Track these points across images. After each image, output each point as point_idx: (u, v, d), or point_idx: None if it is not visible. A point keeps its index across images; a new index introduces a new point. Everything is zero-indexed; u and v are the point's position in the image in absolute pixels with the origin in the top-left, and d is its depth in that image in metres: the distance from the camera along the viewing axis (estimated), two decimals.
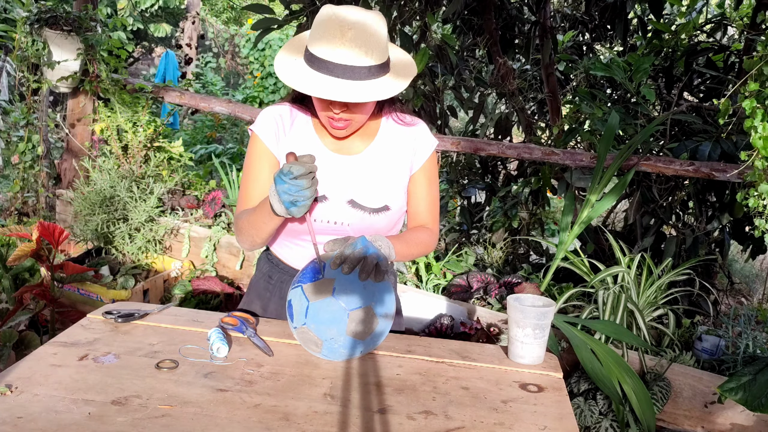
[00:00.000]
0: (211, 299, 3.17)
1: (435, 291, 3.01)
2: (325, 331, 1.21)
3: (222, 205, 3.69)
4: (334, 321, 1.20)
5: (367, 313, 1.22)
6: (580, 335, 2.12)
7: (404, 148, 1.43)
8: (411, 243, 1.39)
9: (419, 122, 1.48)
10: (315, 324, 1.22)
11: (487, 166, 4.24)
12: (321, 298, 1.21)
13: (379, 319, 1.24)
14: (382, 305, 1.25)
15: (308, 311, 1.22)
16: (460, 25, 4.26)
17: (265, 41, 9.35)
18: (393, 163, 1.42)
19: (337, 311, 1.20)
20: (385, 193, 1.40)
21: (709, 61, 3.35)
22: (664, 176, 3.09)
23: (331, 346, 1.23)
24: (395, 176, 1.42)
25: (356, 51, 1.21)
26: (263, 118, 1.41)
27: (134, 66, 11.08)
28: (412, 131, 1.45)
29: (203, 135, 7.10)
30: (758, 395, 1.73)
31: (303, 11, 3.63)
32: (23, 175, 3.49)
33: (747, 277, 4.74)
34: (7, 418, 0.99)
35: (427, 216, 1.47)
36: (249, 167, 1.42)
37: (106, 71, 3.57)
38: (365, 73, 1.22)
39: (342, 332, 1.21)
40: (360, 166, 1.40)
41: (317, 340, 1.23)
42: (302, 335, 1.25)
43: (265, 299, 1.54)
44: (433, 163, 1.47)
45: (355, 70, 1.22)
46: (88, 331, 1.32)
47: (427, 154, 1.45)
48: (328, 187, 1.37)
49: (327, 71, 1.22)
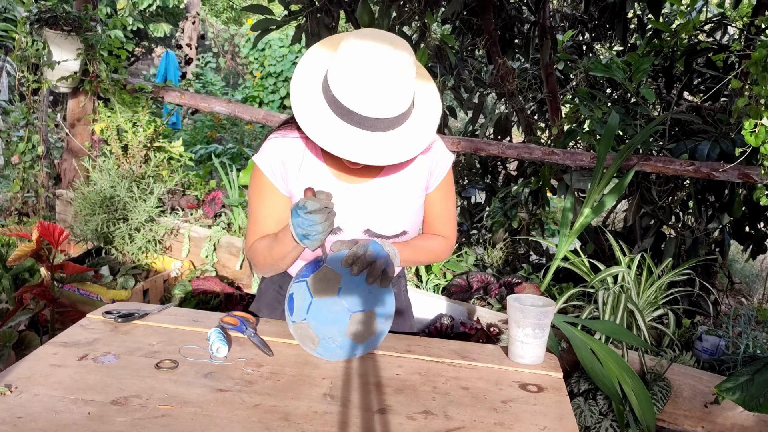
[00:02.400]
0: (211, 299, 3.17)
1: (435, 291, 3.01)
2: (325, 330, 1.21)
3: (222, 205, 3.69)
4: (336, 321, 1.20)
5: (368, 317, 1.22)
6: (580, 335, 2.12)
7: (419, 170, 1.36)
8: (419, 250, 1.38)
9: (435, 140, 1.38)
10: (315, 321, 1.22)
11: (487, 166, 4.24)
12: (325, 296, 1.21)
13: (379, 323, 1.24)
14: (384, 309, 1.25)
15: (310, 308, 1.21)
16: (459, 25, 4.26)
17: (264, 41, 9.36)
18: (408, 187, 1.36)
19: (339, 311, 1.20)
20: (402, 218, 1.36)
21: (709, 61, 3.35)
22: (663, 176, 3.09)
23: (327, 345, 1.23)
24: (411, 200, 1.37)
25: (386, 101, 1.13)
26: (269, 153, 1.33)
27: (134, 66, 11.08)
28: (428, 152, 1.36)
29: (203, 135, 7.10)
30: (756, 395, 1.73)
31: (302, 12, 3.64)
32: (23, 175, 3.49)
33: (747, 277, 4.74)
34: (7, 418, 0.99)
35: (443, 228, 1.44)
36: (256, 200, 1.37)
37: (106, 71, 3.57)
38: (396, 121, 1.16)
39: (341, 333, 1.21)
40: (373, 194, 1.34)
41: (315, 337, 1.23)
42: (300, 330, 1.25)
43: (273, 309, 1.52)
44: (449, 178, 1.41)
45: (386, 120, 1.15)
46: (88, 331, 1.32)
47: (444, 172, 1.38)
48: (342, 218, 1.32)
49: (353, 122, 1.14)
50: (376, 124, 1.14)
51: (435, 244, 1.41)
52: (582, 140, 3.35)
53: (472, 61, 4.45)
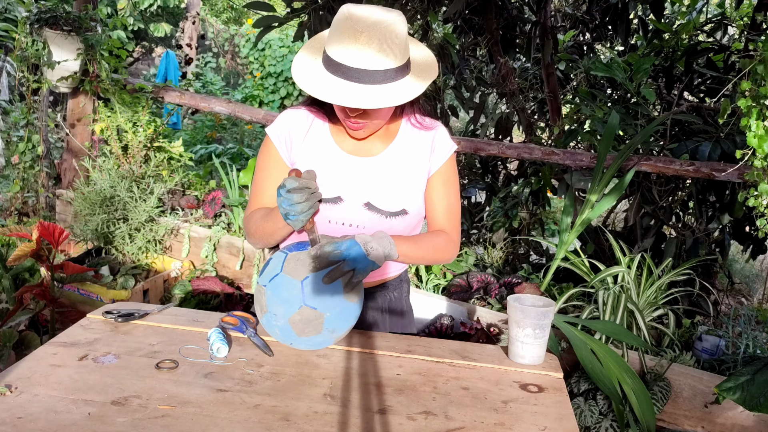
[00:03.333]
0: (211, 299, 3.17)
1: (435, 291, 3.01)
2: (275, 306, 1.22)
3: (222, 205, 3.69)
4: (287, 302, 1.21)
5: (317, 317, 1.21)
6: (580, 335, 2.12)
7: (422, 150, 1.40)
8: (423, 245, 1.36)
9: (438, 125, 1.44)
10: (272, 293, 1.22)
11: (487, 166, 4.23)
12: (292, 277, 1.21)
13: (324, 332, 1.23)
14: (337, 321, 1.23)
15: (275, 278, 1.22)
16: (461, 24, 4.25)
17: (264, 41, 9.35)
18: (411, 165, 1.39)
19: (295, 296, 1.20)
20: (403, 196, 1.38)
21: (709, 61, 3.35)
22: (664, 177, 3.09)
23: (270, 320, 1.24)
24: (413, 179, 1.39)
25: (373, 54, 1.17)
26: (279, 123, 1.41)
27: (134, 66, 11.07)
28: (431, 134, 1.42)
29: (203, 135, 7.10)
30: (756, 395, 1.73)
31: (304, 9, 3.63)
32: (23, 175, 3.49)
33: (747, 277, 4.74)
34: (7, 418, 0.99)
35: (444, 221, 1.42)
36: (260, 169, 1.43)
37: (106, 71, 3.57)
38: (382, 76, 1.19)
39: (286, 315, 1.21)
40: (377, 169, 1.38)
41: (264, 306, 1.24)
42: (258, 293, 1.26)
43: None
44: (451, 167, 1.43)
45: (372, 74, 1.18)
46: (88, 331, 1.32)
47: (445, 157, 1.41)
48: (344, 188, 1.36)
49: (343, 75, 1.19)
50: (363, 75, 1.18)
51: (439, 240, 1.39)
52: (582, 140, 3.35)
53: (473, 60, 4.45)
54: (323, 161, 1.37)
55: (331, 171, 1.36)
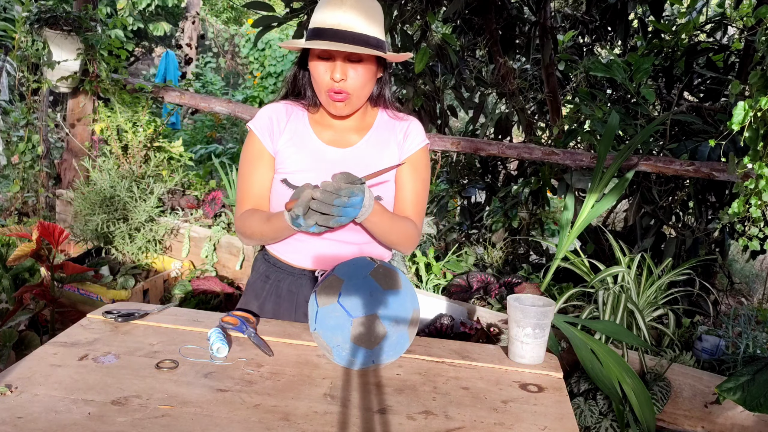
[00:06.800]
0: (211, 299, 3.17)
1: (435, 291, 3.01)
2: (332, 338, 1.21)
3: (222, 205, 3.69)
4: (339, 327, 1.19)
5: (371, 320, 1.19)
6: (580, 335, 2.12)
7: (396, 138, 1.48)
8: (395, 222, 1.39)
9: (413, 119, 1.51)
10: (323, 330, 1.22)
11: (487, 166, 4.23)
12: (327, 303, 1.20)
13: (385, 326, 1.20)
14: (388, 311, 1.21)
15: (317, 317, 1.22)
16: (460, 24, 4.25)
17: (264, 41, 9.36)
18: (385, 154, 1.46)
19: (341, 318, 1.19)
20: (378, 184, 1.43)
21: (709, 61, 3.35)
22: (664, 177, 3.09)
23: (339, 353, 1.22)
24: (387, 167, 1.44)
25: (356, 18, 1.28)
26: (260, 115, 1.47)
27: (134, 66, 11.07)
28: (405, 124, 1.49)
29: (203, 135, 7.11)
30: (757, 395, 1.73)
31: (303, 9, 3.63)
32: (23, 175, 3.49)
33: (747, 277, 4.74)
34: (7, 418, 0.99)
35: (410, 209, 1.47)
36: (245, 165, 1.46)
37: (106, 71, 3.57)
38: (365, 41, 1.28)
39: (346, 339, 1.20)
40: (353, 159, 1.44)
41: (326, 345, 1.23)
42: (316, 340, 1.26)
43: (261, 298, 1.54)
44: (422, 159, 1.49)
45: (356, 36, 1.28)
46: (88, 331, 1.32)
47: (416, 147, 1.47)
48: (321, 179, 1.37)
49: (328, 38, 1.28)
50: (347, 36, 1.28)
51: (407, 224, 1.44)
52: (582, 140, 3.35)
53: (473, 60, 4.45)
54: (302, 151, 1.43)
55: (310, 161, 1.42)
